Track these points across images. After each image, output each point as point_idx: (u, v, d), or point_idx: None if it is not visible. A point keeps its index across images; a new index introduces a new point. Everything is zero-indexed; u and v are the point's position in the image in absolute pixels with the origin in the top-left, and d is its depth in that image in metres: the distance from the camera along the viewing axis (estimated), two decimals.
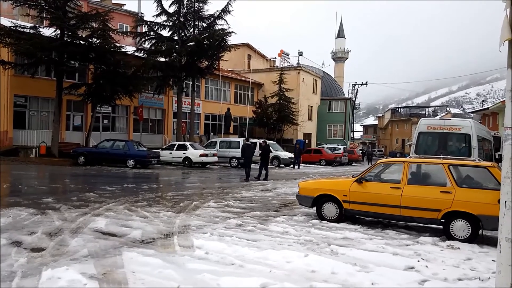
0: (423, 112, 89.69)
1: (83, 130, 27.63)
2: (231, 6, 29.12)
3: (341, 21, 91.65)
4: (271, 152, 22.36)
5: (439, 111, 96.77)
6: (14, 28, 21.71)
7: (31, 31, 22.37)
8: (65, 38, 22.74)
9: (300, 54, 45.28)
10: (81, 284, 4.50)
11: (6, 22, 23.75)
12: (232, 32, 28.43)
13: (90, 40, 23.29)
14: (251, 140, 24.02)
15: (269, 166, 19.40)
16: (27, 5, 22.88)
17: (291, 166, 29.40)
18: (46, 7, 22.80)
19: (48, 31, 22.94)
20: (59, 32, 22.82)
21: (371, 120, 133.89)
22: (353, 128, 64.39)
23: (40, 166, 20.53)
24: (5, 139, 23.71)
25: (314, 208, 9.33)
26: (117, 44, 24.14)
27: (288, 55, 47.40)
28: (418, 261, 5.99)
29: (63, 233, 6.74)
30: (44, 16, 23.72)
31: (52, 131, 23.91)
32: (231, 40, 29.93)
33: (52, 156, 23.01)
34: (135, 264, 5.28)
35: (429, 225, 8.41)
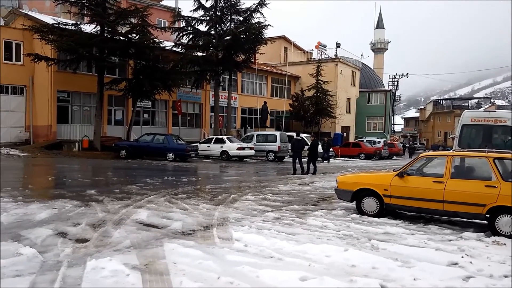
0: (466, 104, 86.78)
1: (124, 124, 28.31)
2: None
3: (380, 11, 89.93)
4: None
5: (483, 103, 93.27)
6: (57, 25, 22.39)
7: (73, 27, 22.99)
8: (105, 34, 23.22)
9: (338, 45, 44.53)
10: (124, 274, 4.61)
11: (49, 19, 24.53)
12: (268, 25, 28.30)
13: (129, 35, 23.69)
14: (289, 134, 23.92)
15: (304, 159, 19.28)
16: (68, 3, 23.51)
17: (326, 160, 28.84)
18: (87, 4, 23.35)
19: (88, 28, 23.52)
20: (99, 28, 23.32)
21: (412, 113, 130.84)
22: (393, 120, 63.07)
23: (83, 159, 21.17)
24: (49, 133, 24.66)
25: (354, 203, 9.21)
26: (155, 39, 24.45)
27: (325, 47, 46.72)
28: (462, 257, 5.82)
29: (106, 225, 6.94)
30: (85, 13, 24.27)
31: (94, 125, 24.61)
32: (268, 33, 29.78)
33: (94, 150, 23.70)
34: (176, 255, 5.38)
35: (473, 220, 8.14)
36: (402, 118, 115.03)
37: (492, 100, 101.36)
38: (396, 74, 63.60)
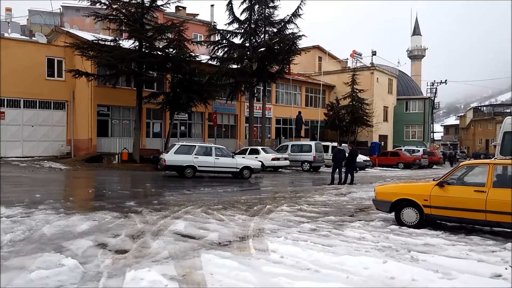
0: (508, 110, 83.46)
1: (162, 136, 28.87)
2: (301, 9, 29.03)
3: (416, 18, 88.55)
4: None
5: None
6: (96, 41, 23.16)
7: (112, 43, 23.69)
8: (143, 49, 23.79)
9: (374, 53, 44.03)
10: (162, 285, 4.69)
11: (89, 36, 25.42)
12: (302, 35, 28.30)
13: (166, 50, 24.21)
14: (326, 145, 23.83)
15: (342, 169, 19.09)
16: (107, 19, 24.30)
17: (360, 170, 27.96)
18: (125, 21, 23.98)
19: (127, 43, 24.14)
20: (137, 43, 23.94)
21: (452, 120, 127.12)
22: (433, 128, 61.43)
23: (122, 171, 21.65)
24: (90, 147, 25.42)
25: (392, 213, 9.01)
26: (192, 53, 24.89)
27: (360, 55, 46.30)
28: (506, 268, 5.60)
29: (145, 236, 7.07)
30: (123, 29, 25.00)
31: (133, 138, 25.19)
32: (302, 43, 29.71)
33: (133, 162, 24.18)
34: (213, 265, 5.42)
35: None
36: (441, 125, 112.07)
37: None
38: (434, 81, 62.25)
